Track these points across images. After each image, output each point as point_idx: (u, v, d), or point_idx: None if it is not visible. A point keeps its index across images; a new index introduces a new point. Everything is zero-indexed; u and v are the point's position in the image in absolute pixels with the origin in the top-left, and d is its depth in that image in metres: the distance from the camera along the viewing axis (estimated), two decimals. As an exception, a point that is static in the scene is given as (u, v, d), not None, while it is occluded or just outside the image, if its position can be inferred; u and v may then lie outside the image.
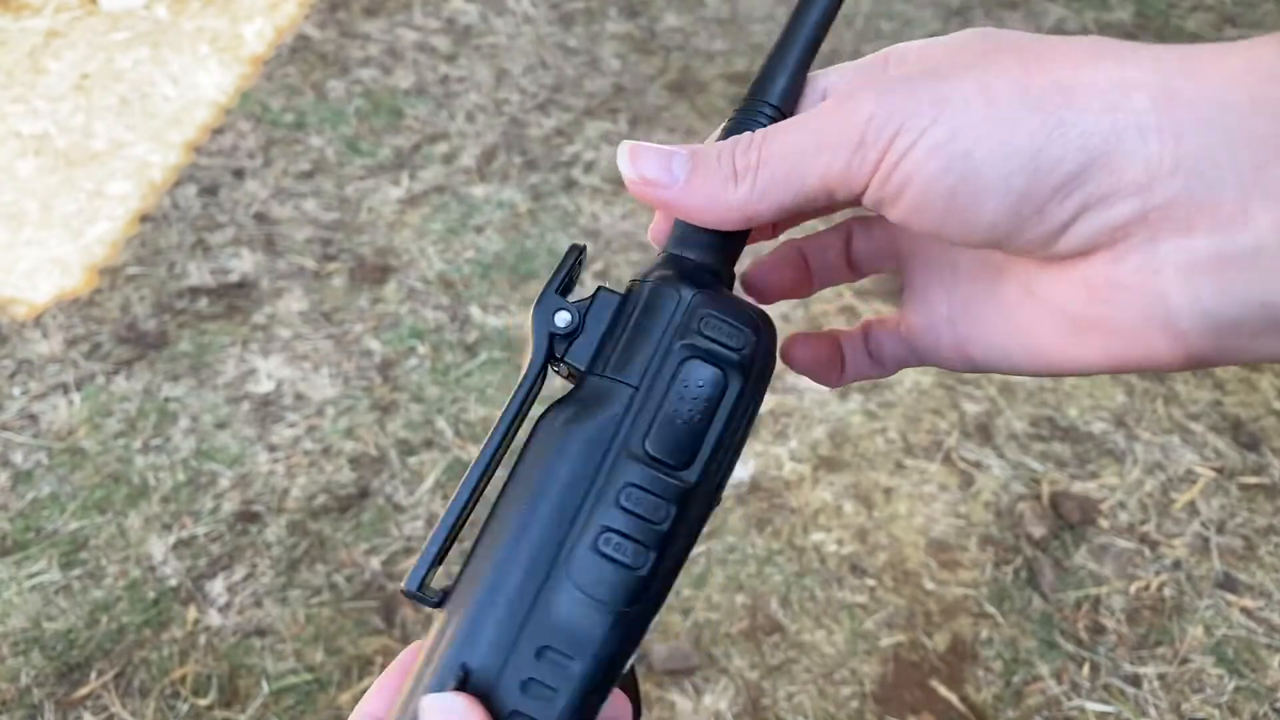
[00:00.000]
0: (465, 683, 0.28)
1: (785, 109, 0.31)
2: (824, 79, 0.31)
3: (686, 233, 0.32)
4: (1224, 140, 0.22)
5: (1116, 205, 0.23)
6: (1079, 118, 0.23)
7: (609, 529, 0.28)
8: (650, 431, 0.28)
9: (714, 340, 0.29)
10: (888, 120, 0.25)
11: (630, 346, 0.30)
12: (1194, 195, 0.23)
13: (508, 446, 0.31)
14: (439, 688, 0.28)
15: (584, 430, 0.29)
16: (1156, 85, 0.23)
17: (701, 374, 0.29)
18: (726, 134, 0.31)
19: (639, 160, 0.29)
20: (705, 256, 0.31)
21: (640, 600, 0.28)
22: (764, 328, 0.30)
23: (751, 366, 0.29)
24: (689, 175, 0.29)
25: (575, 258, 0.32)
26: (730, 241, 0.32)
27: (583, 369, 0.30)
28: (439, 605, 0.30)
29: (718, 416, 0.29)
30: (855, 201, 0.28)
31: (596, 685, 0.28)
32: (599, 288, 0.31)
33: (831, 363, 0.36)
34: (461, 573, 0.30)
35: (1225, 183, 0.22)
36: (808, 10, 0.32)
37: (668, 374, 0.29)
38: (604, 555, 0.28)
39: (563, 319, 0.30)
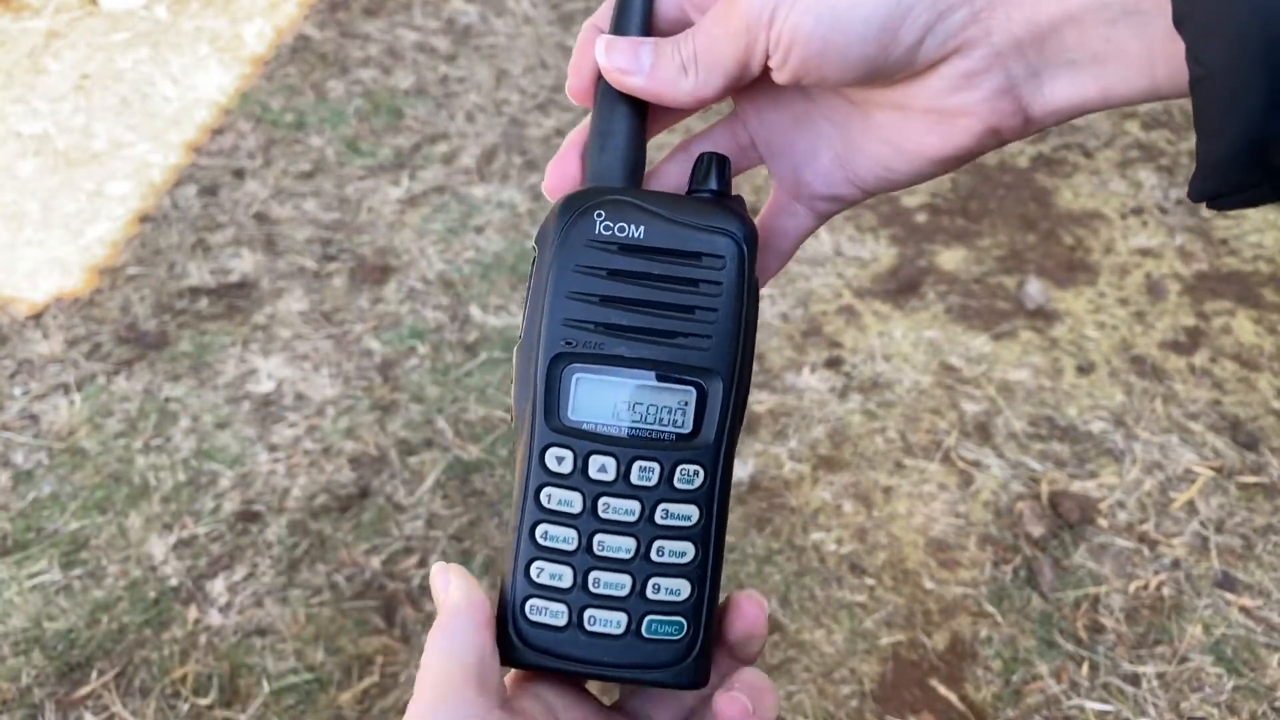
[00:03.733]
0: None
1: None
2: None
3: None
4: None
5: (953, 14, 0.31)
6: None
7: (562, 340, 0.37)
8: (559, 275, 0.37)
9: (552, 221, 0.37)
10: (764, 5, 0.32)
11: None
12: None
13: None
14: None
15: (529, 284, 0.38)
16: None
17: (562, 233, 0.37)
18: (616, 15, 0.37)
19: (613, 52, 0.36)
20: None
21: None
22: None
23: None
24: (651, 67, 0.35)
25: None
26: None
27: None
28: None
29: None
30: (765, 70, 0.34)
31: None
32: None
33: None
34: None
35: None
36: None
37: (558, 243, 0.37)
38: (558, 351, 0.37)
39: None
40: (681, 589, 0.34)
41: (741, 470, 1.51)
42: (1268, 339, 1.74)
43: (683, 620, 0.34)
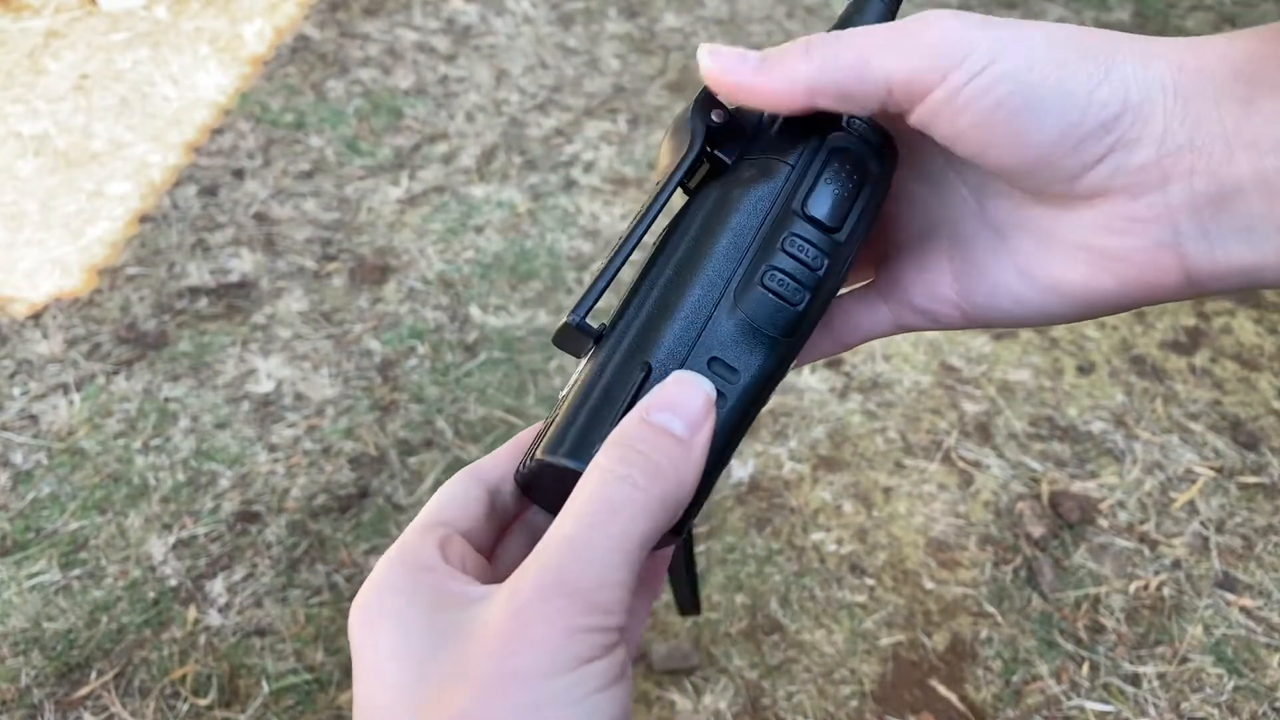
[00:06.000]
0: (646, 378, 0.31)
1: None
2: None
3: None
4: (1214, 101, 0.27)
5: (1140, 150, 0.28)
6: (1122, 69, 0.28)
7: (775, 268, 0.32)
8: (810, 197, 0.33)
9: (861, 137, 0.34)
10: (961, 41, 0.28)
11: (784, 137, 0.34)
12: (1195, 143, 0.27)
13: (662, 209, 0.34)
14: (624, 377, 0.31)
15: (752, 190, 0.33)
16: (1172, 56, 0.28)
17: (861, 163, 0.34)
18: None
19: (719, 54, 0.32)
20: None
21: (794, 334, 0.33)
22: (889, 136, 0.35)
23: (886, 160, 0.35)
24: (762, 60, 0.31)
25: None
26: None
27: (729, 160, 0.35)
28: (599, 340, 0.33)
29: (863, 193, 0.34)
30: (901, 111, 0.30)
31: (753, 400, 0.32)
32: (737, 106, 0.35)
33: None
34: (621, 314, 0.34)
35: (1215, 136, 0.27)
36: None
37: (821, 158, 0.34)
38: (770, 290, 0.32)
39: (718, 115, 0.35)
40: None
41: (741, 470, 1.51)
42: (1268, 339, 1.74)
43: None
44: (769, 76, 0.31)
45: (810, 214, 0.33)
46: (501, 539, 0.35)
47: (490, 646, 0.25)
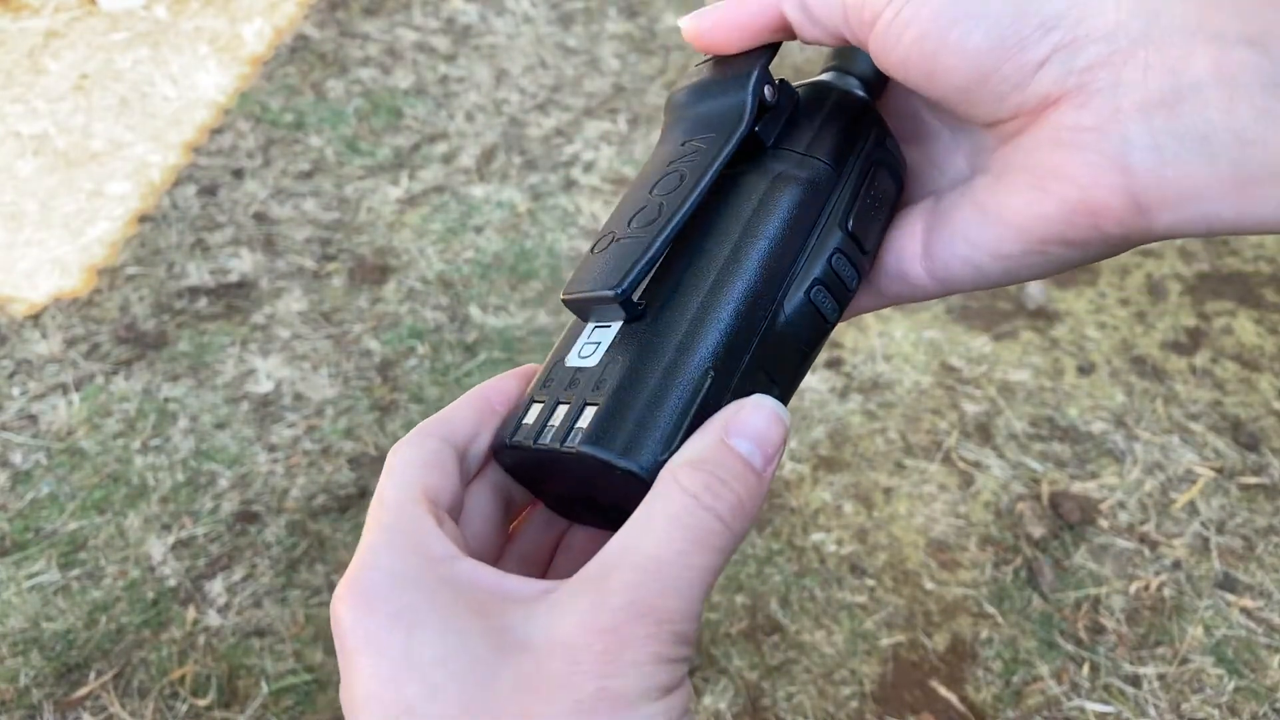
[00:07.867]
0: (711, 385, 0.30)
1: None
2: None
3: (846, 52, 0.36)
4: None
5: (1088, 47, 0.26)
6: None
7: (820, 282, 0.32)
8: (854, 212, 0.33)
9: (895, 157, 0.35)
10: None
11: (826, 137, 0.34)
12: (1151, 38, 0.26)
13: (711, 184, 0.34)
14: (684, 378, 0.29)
15: (805, 193, 0.33)
16: None
17: (889, 184, 0.34)
18: None
19: (696, 13, 0.33)
20: (867, 73, 0.36)
21: (816, 347, 0.33)
22: (904, 158, 0.36)
23: (903, 180, 0.35)
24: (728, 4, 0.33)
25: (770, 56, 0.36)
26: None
27: (767, 143, 0.34)
28: (639, 318, 0.32)
29: (889, 213, 0.34)
30: (860, 41, 0.31)
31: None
32: (781, 80, 0.35)
33: None
34: (668, 297, 0.32)
35: (1175, 29, 0.26)
36: None
37: (861, 172, 0.34)
38: (813, 303, 0.32)
39: (770, 93, 0.34)
40: None
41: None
42: (1269, 339, 1.74)
43: None
44: (742, 5, 0.32)
45: (852, 231, 0.33)
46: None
47: (583, 664, 0.25)
